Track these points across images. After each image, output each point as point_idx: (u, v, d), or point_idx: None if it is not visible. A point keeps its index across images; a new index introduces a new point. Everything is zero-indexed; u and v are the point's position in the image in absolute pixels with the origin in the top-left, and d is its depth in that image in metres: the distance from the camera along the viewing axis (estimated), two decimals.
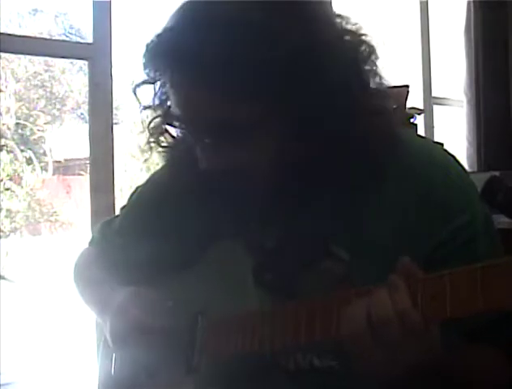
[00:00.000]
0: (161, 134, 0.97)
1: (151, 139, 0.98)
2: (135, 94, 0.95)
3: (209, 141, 0.88)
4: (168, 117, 0.94)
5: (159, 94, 0.94)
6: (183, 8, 0.87)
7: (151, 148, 0.98)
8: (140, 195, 1.14)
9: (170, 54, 0.83)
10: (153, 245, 1.05)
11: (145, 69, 0.90)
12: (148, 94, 0.95)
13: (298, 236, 0.92)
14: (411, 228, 0.89)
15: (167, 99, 0.92)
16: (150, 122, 0.97)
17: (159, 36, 0.85)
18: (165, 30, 0.85)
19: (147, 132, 0.97)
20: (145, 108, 0.96)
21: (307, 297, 0.88)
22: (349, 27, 0.89)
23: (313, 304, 0.85)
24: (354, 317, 0.77)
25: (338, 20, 0.89)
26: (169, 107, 0.91)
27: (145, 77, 0.92)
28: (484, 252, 0.89)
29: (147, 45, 0.86)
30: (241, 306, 0.94)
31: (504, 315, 0.82)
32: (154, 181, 1.11)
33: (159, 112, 0.95)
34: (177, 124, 0.93)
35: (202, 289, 1.00)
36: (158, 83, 0.93)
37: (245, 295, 0.95)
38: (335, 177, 0.87)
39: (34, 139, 8.80)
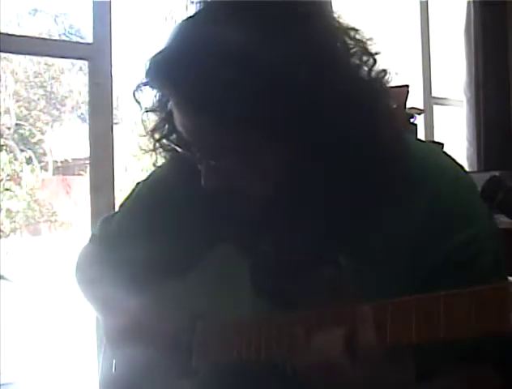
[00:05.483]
0: (164, 137, 0.96)
1: (154, 142, 0.97)
2: (135, 96, 0.94)
3: (213, 163, 0.88)
4: (170, 129, 0.94)
5: (159, 96, 0.94)
6: (184, 29, 0.86)
7: (153, 150, 0.98)
8: (140, 193, 1.14)
9: (173, 79, 0.83)
10: (152, 246, 1.05)
11: (148, 79, 0.88)
12: (148, 96, 0.95)
13: (297, 242, 0.91)
14: (415, 239, 0.88)
15: (167, 101, 0.91)
16: (154, 128, 0.96)
17: (163, 54, 0.84)
18: (168, 50, 0.84)
19: (149, 136, 0.97)
20: (147, 111, 0.96)
21: (305, 303, 0.88)
22: (345, 31, 0.88)
23: (299, 318, 0.85)
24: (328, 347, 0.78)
25: (335, 26, 0.88)
26: (171, 111, 0.90)
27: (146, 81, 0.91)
28: (487, 267, 0.89)
29: (151, 61, 0.84)
30: (238, 311, 0.94)
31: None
32: (155, 179, 1.11)
33: (160, 115, 0.95)
34: (180, 142, 0.92)
35: (201, 292, 1.00)
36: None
37: (242, 299, 0.95)
38: (338, 187, 0.86)
39: (34, 139, 8.80)
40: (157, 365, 0.97)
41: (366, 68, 0.88)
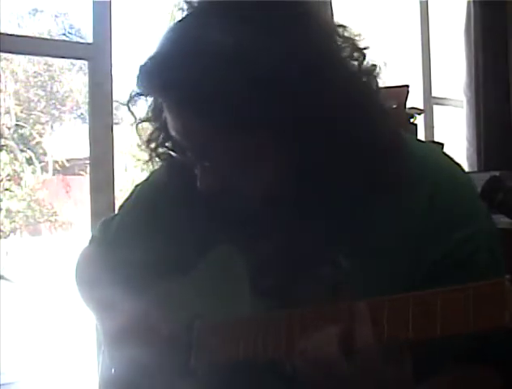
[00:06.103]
0: (159, 146, 0.97)
1: (150, 152, 0.97)
2: (129, 108, 0.94)
3: (208, 165, 0.88)
4: (165, 137, 0.94)
5: (153, 106, 0.94)
6: (173, 32, 0.85)
7: (150, 160, 0.99)
8: (139, 195, 1.14)
9: (164, 81, 0.82)
10: (151, 248, 1.05)
11: (139, 85, 0.88)
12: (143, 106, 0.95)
13: (297, 242, 0.91)
14: (414, 238, 0.89)
15: (162, 110, 0.91)
16: (149, 138, 0.96)
17: (152, 59, 0.84)
18: (160, 56, 0.84)
19: (145, 146, 0.97)
20: (141, 121, 0.96)
21: (304, 304, 0.88)
22: (341, 33, 0.89)
23: (297, 317, 0.85)
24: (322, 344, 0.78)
25: (328, 24, 0.89)
26: (165, 120, 0.90)
27: (139, 90, 0.91)
28: (485, 265, 0.89)
29: (142, 67, 0.84)
30: (237, 311, 0.94)
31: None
32: (153, 181, 1.11)
33: (155, 124, 0.95)
34: (174, 147, 0.92)
35: (200, 293, 1.00)
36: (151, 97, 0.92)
37: (241, 299, 0.94)
38: (337, 187, 0.86)
39: (34, 139, 8.80)
40: (156, 365, 0.97)
41: (357, 64, 0.88)
